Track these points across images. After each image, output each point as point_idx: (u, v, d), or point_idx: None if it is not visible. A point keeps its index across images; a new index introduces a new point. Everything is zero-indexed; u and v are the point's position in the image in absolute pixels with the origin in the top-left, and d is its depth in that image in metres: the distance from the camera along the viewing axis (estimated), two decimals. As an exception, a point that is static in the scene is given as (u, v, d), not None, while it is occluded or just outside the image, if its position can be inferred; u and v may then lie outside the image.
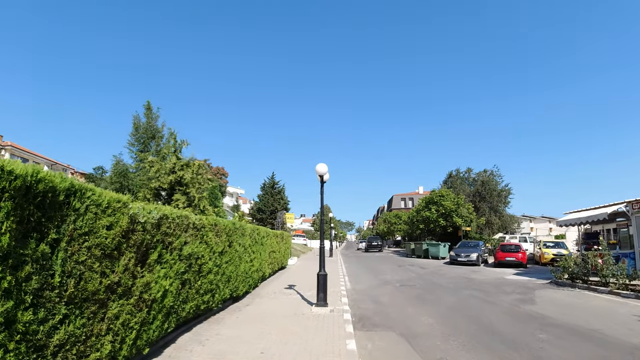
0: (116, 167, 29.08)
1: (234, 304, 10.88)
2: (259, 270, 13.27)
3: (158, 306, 5.99)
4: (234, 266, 10.12)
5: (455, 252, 26.61)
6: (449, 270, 22.19)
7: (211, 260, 8.34)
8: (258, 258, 12.89)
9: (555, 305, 11.12)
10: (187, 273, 7.11)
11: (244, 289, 11.38)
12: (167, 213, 6.09)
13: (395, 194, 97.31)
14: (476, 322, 8.98)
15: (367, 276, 19.33)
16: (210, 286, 8.40)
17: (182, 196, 11.27)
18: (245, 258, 11.23)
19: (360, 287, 14.95)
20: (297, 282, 15.45)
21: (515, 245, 26.04)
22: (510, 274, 20.45)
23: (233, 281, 10.14)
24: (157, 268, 5.87)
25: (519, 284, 16.05)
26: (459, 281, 17.07)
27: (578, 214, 17.86)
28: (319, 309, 9.71)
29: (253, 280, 12.56)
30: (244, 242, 11.01)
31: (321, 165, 10.20)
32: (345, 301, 11.24)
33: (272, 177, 63.67)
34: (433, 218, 38.22)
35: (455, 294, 13.21)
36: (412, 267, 24.76)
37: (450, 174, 53.62)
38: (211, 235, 8.28)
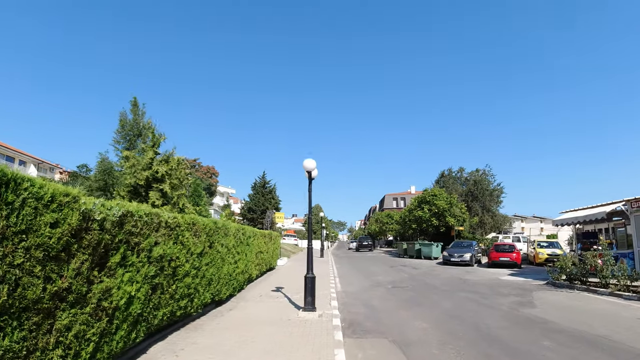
0: (101, 165, 28.23)
1: (217, 308, 10.22)
2: (244, 272, 12.61)
3: (122, 314, 5.32)
4: (216, 268, 9.46)
5: (449, 252, 26.08)
6: (443, 271, 21.65)
7: (188, 263, 7.67)
8: (243, 259, 12.23)
9: (555, 308, 10.57)
10: (159, 277, 6.44)
11: (227, 292, 10.72)
12: (131, 210, 5.41)
13: (387, 194, 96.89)
14: (474, 327, 8.39)
15: (358, 277, 18.72)
16: (187, 290, 7.73)
17: (157, 193, 10.55)
18: (229, 259, 10.56)
19: (351, 290, 14.32)
20: (286, 284, 14.79)
21: (509, 245, 25.57)
22: (505, 274, 19.94)
23: (215, 284, 9.47)
24: (119, 272, 5.20)
25: (515, 285, 15.52)
26: (453, 282, 16.51)
27: (575, 213, 17.38)
28: (306, 314, 9.07)
29: (238, 283, 11.89)
30: (227, 243, 10.34)
31: (309, 160, 9.56)
32: (334, 305, 10.61)
33: (263, 176, 62.87)
34: (426, 218, 37.70)
35: (450, 297, 12.63)
36: (405, 267, 24.19)
37: (443, 173, 53.22)
38: (188, 235, 7.60)
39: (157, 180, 10.82)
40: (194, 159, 72.99)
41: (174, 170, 11.31)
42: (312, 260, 9.70)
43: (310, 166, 9.52)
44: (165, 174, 10.82)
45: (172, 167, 11.26)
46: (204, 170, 72.19)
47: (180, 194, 10.93)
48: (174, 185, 10.92)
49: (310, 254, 9.69)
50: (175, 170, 11.34)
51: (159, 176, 10.76)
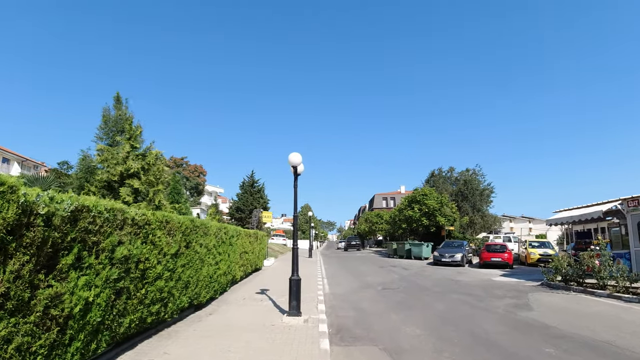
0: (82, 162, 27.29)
1: (196, 312, 9.56)
2: (227, 273, 11.94)
3: (77, 323, 4.66)
4: (194, 270, 8.79)
5: (439, 253, 25.61)
6: (434, 272, 21.14)
7: (160, 264, 7.00)
8: (226, 260, 11.56)
9: (553, 311, 10.07)
10: (124, 280, 5.76)
11: (207, 295, 10.05)
12: (87, 204, 4.74)
13: (376, 194, 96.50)
14: (470, 333, 7.83)
15: (347, 278, 18.13)
16: (160, 295, 7.06)
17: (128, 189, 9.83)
18: (209, 260, 9.89)
19: (339, 291, 13.72)
20: (271, 286, 14.14)
21: (500, 245, 25.17)
22: (497, 275, 19.50)
23: (193, 287, 8.80)
24: (73, 275, 4.53)
25: (509, 286, 15.04)
26: (445, 283, 16.00)
27: (569, 212, 16.97)
28: (291, 319, 8.44)
29: (220, 285, 11.23)
30: (207, 243, 9.67)
31: (294, 154, 8.93)
32: (322, 308, 9.99)
33: (252, 175, 61.98)
34: (416, 217, 37.22)
35: (443, 299, 12.09)
36: (395, 268, 23.66)
37: (433, 173, 52.90)
38: (160, 234, 6.93)
39: (131, 175, 10.11)
40: (182, 158, 72.03)
41: (151, 166, 10.59)
42: (298, 262, 9.07)
43: (295, 161, 8.89)
44: (140, 170, 10.10)
45: (149, 162, 10.54)
46: (192, 169, 71.19)
47: (156, 190, 10.21)
48: (151, 182, 10.20)
49: (295, 255, 9.06)
50: (152, 166, 10.62)
51: (133, 172, 10.04)
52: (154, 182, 10.25)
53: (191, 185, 69.02)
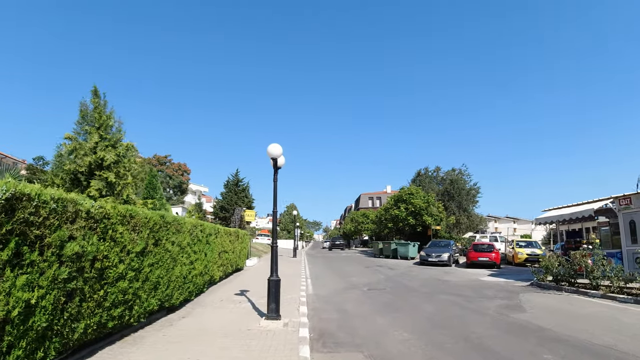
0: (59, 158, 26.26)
1: (168, 315, 8.87)
2: (203, 273, 11.25)
3: (17, 329, 3.99)
4: (164, 270, 8.11)
5: (426, 252, 25.17)
6: (420, 272, 20.67)
7: (123, 263, 6.32)
8: (202, 259, 10.87)
9: (548, 312, 9.59)
10: (77, 280, 5.09)
11: (181, 297, 9.36)
12: (28, 192, 4.06)
13: (362, 193, 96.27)
14: (462, 337, 7.29)
15: (332, 279, 17.54)
16: (123, 297, 6.38)
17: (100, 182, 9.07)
18: (183, 259, 9.21)
19: (323, 292, 13.12)
20: (252, 286, 13.48)
21: (488, 244, 24.83)
22: (485, 275, 19.10)
23: (163, 288, 8.12)
24: (9, 274, 3.86)
25: (499, 286, 14.60)
26: (432, 284, 15.51)
27: (559, 210, 16.61)
28: (269, 323, 7.81)
29: (195, 286, 10.54)
30: (180, 241, 8.99)
31: (274, 145, 8.29)
32: (303, 311, 9.37)
33: (236, 174, 61.11)
34: (402, 216, 36.80)
35: (432, 300, 11.57)
36: (381, 268, 23.15)
37: (419, 172, 52.58)
38: (122, 230, 6.25)
39: (102, 167, 9.34)
40: (165, 156, 70.75)
41: (121, 158, 9.84)
42: (277, 261, 8.44)
43: (275, 152, 8.26)
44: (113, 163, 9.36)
45: (119, 154, 9.79)
46: (175, 167, 69.98)
47: (125, 183, 9.46)
48: (121, 174, 9.46)
49: (274, 254, 8.43)
50: (122, 158, 9.87)
51: (106, 164, 9.28)
52: (124, 175, 9.50)
53: (174, 183, 67.84)
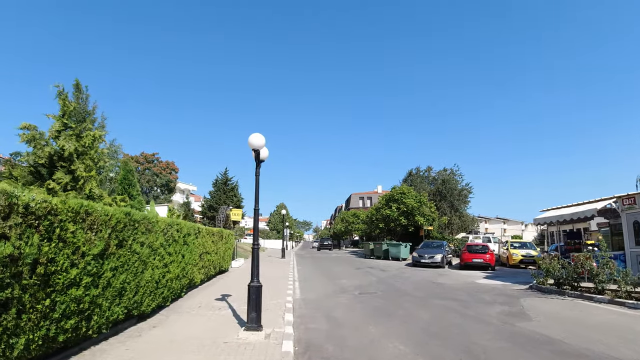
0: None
1: (138, 324, 7.96)
2: (181, 277, 10.33)
3: None
4: (132, 274, 7.19)
5: (418, 253, 24.39)
6: (413, 273, 19.88)
7: (76, 267, 5.40)
8: (178, 262, 9.94)
9: (555, 321, 8.79)
10: (11, 288, 4.19)
11: (153, 303, 8.44)
12: None
13: (353, 193, 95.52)
14: (464, 349, 6.46)
15: (321, 281, 16.68)
16: (76, 306, 5.47)
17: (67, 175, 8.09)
18: (155, 262, 8.29)
19: (311, 297, 12.24)
20: (235, 290, 12.57)
21: (482, 245, 24.11)
22: (480, 277, 18.37)
23: (130, 295, 7.21)
24: None
25: (496, 290, 13.84)
26: (426, 287, 14.71)
27: (559, 211, 15.91)
28: (249, 334, 6.92)
29: (171, 291, 9.62)
30: (152, 241, 8.07)
31: (256, 136, 7.40)
32: (289, 319, 8.49)
33: (225, 173, 60.02)
34: (394, 216, 35.99)
35: (427, 305, 10.75)
36: (372, 269, 22.33)
37: (410, 172, 51.89)
38: (74, 229, 5.33)
39: (64, 159, 8.37)
40: (152, 154, 69.37)
41: (87, 149, 8.87)
42: (259, 264, 7.54)
43: (257, 143, 7.36)
44: (75, 152, 8.39)
45: (84, 144, 8.81)
46: (163, 166, 68.60)
47: (87, 176, 8.49)
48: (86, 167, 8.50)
49: (255, 257, 7.52)
50: (89, 149, 8.89)
51: (66, 154, 8.30)
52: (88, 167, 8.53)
53: (162, 182, 66.55)
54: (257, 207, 7.57)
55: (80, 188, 8.24)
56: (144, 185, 65.07)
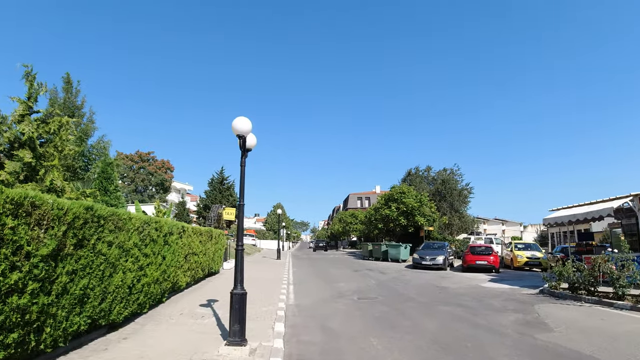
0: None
1: (108, 334, 6.99)
2: (161, 280, 9.33)
3: None
4: (97, 279, 6.21)
5: (419, 255, 23.41)
6: (414, 276, 18.91)
7: (19, 271, 4.44)
8: (157, 264, 8.95)
9: (579, 331, 7.82)
10: None
11: (125, 311, 7.45)
12: None
13: (351, 193, 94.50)
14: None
15: (317, 284, 15.70)
16: (20, 317, 4.50)
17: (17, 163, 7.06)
18: (127, 265, 7.30)
19: (306, 302, 11.27)
20: (223, 295, 11.55)
21: (485, 247, 23.17)
22: (485, 280, 17.43)
23: (95, 302, 6.23)
24: None
25: (505, 295, 12.89)
26: (430, 291, 13.75)
27: (571, 210, 14.94)
28: (230, 350, 5.93)
29: (149, 297, 8.62)
30: (123, 241, 7.08)
31: (241, 120, 6.41)
32: (279, 329, 7.51)
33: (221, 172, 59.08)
34: (393, 216, 34.92)
35: (433, 313, 9.79)
36: (371, 272, 21.35)
37: (410, 172, 50.83)
38: (14, 224, 4.36)
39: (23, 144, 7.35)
40: (148, 152, 68.30)
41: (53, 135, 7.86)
42: (243, 268, 6.56)
43: (242, 128, 6.37)
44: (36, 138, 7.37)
45: (49, 131, 7.80)
46: (158, 165, 67.50)
47: (49, 165, 7.48)
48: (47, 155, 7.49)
49: (239, 260, 6.52)
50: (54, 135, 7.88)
51: (25, 139, 7.28)
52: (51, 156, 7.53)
53: (156, 181, 65.46)
54: (242, 202, 6.59)
55: (41, 179, 7.25)
56: (138, 184, 64.01)
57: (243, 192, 6.61)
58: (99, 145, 25.84)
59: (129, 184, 63.17)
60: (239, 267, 6.35)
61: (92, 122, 26.64)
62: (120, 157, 63.85)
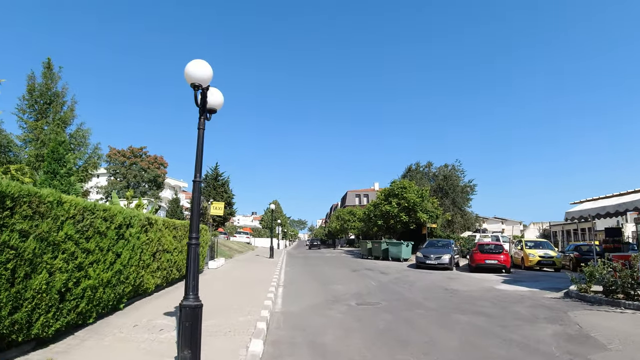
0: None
1: (30, 353, 5.26)
2: (115, 283, 7.54)
3: None
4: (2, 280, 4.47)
5: (423, 253, 21.57)
6: (419, 277, 17.13)
7: None
8: (108, 262, 7.14)
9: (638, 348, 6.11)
10: None
11: (57, 323, 5.69)
12: None
13: (349, 190, 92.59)
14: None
15: (311, 286, 13.92)
16: None
17: None
18: (56, 263, 5.53)
19: (295, 309, 9.48)
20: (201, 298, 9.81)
21: (495, 245, 21.40)
22: (497, 281, 15.69)
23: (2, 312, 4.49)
24: None
25: (527, 299, 11.13)
26: (439, 295, 12.00)
27: (599, 202, 13.14)
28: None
29: (96, 304, 6.84)
30: (48, 232, 5.32)
31: (197, 64, 4.63)
32: (255, 349, 5.71)
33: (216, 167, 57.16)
34: (394, 213, 32.99)
35: (449, 323, 8.02)
36: (371, 272, 19.56)
37: (410, 167, 48.98)
38: None
39: None
40: (140, 147, 66.31)
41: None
42: (197, 270, 4.77)
43: (198, 74, 4.59)
44: None
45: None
46: (151, 160, 65.48)
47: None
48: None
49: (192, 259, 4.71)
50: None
51: None
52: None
53: (149, 177, 63.51)
54: (198, 179, 4.82)
55: None
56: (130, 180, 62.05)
57: (200, 164, 4.82)
58: (78, 134, 24.00)
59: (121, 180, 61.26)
60: (191, 270, 4.57)
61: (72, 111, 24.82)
62: (112, 152, 62.02)
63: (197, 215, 4.76)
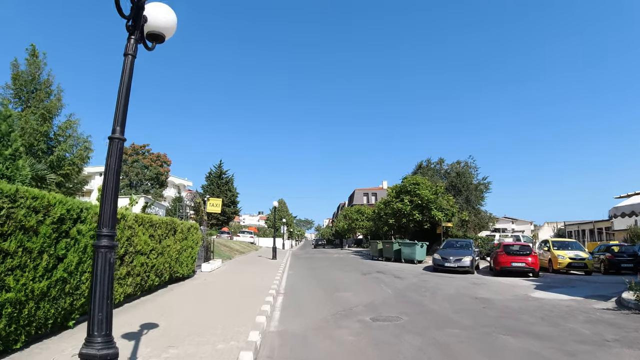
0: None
1: None
2: (55, 296, 5.68)
3: None
4: None
5: (441, 255, 19.50)
6: (439, 282, 15.14)
7: None
8: (41, 269, 5.28)
9: None
10: None
11: None
12: None
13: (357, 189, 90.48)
14: None
15: (315, 295, 11.97)
16: None
17: None
18: None
19: (294, 328, 7.55)
20: (177, 314, 7.92)
21: (522, 246, 19.35)
22: (529, 287, 13.72)
23: None
24: None
25: (577, 311, 9.13)
26: (470, 306, 10.03)
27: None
28: None
29: (23, 323, 5.00)
30: None
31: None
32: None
33: (220, 165, 55.71)
34: (406, 211, 30.80)
35: (497, 351, 6.04)
36: (383, 275, 17.58)
37: (420, 164, 46.72)
38: None
39: None
40: (143, 145, 64.90)
41: None
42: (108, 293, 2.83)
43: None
44: None
45: None
46: (154, 158, 63.99)
47: None
48: None
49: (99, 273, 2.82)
50: None
51: None
52: None
53: (151, 175, 62.03)
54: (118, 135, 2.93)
55: None
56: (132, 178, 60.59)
57: (123, 114, 2.93)
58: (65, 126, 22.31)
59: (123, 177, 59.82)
60: (97, 294, 2.67)
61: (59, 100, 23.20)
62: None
63: (113, 195, 2.87)
